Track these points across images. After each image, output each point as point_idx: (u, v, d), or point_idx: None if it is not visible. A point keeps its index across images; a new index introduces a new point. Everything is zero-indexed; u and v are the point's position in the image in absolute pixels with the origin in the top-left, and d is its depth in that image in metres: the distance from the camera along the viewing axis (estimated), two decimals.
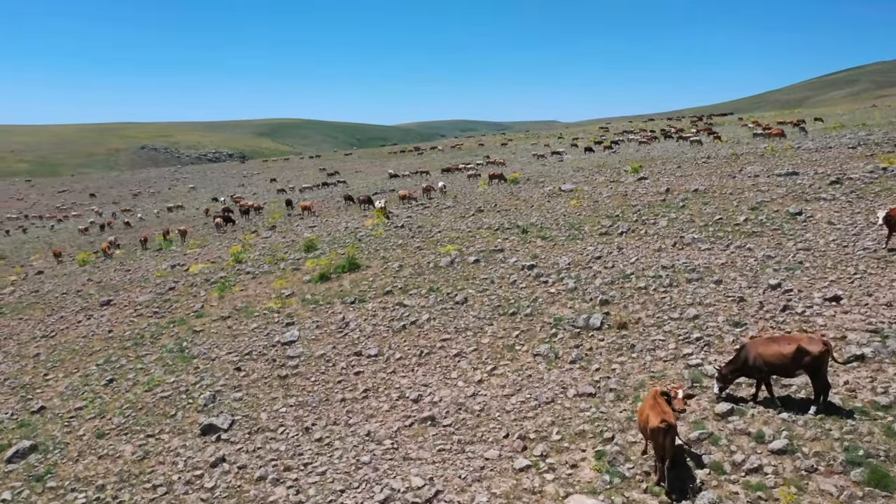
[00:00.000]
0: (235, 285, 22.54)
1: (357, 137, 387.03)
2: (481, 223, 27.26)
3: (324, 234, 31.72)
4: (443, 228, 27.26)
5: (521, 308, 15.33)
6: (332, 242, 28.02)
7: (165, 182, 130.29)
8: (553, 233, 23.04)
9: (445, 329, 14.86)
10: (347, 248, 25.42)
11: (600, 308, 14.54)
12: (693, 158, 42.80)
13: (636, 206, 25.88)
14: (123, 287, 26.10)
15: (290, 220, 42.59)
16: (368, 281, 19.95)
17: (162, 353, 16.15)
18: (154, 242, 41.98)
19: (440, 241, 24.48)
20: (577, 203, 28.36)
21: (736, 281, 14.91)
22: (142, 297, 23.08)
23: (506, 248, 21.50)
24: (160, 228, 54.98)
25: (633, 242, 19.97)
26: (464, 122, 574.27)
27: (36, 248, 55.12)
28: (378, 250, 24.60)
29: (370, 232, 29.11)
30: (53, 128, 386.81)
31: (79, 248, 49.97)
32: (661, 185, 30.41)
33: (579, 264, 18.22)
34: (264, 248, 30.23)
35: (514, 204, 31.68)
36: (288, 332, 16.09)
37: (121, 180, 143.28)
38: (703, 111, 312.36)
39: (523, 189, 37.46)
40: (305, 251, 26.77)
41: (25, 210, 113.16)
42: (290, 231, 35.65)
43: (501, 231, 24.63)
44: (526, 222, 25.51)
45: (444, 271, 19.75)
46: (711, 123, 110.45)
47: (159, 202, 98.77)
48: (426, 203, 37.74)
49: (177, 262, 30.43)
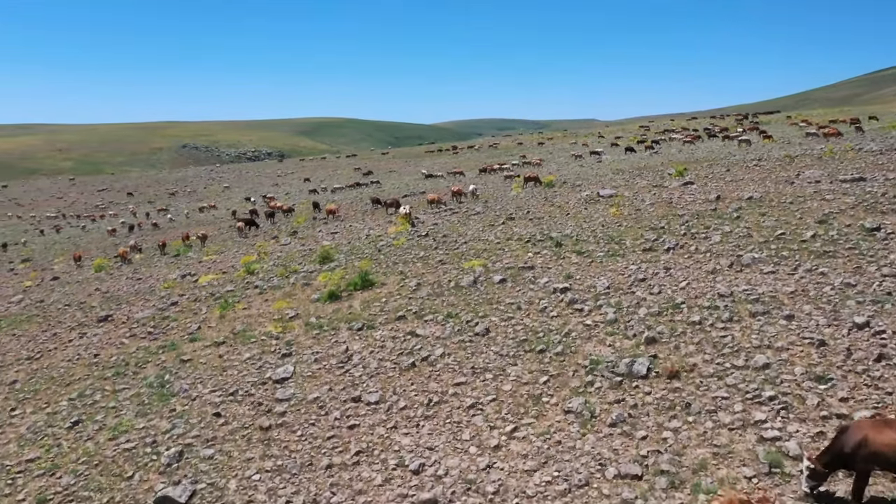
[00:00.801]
0: (240, 302, 20.61)
1: (395, 136, 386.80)
2: (511, 233, 24.90)
3: (343, 241, 29.71)
4: (469, 239, 24.97)
5: (550, 344, 12.98)
6: (349, 253, 25.97)
7: (201, 181, 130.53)
8: (590, 247, 20.58)
9: (461, 369, 12.60)
10: (363, 261, 23.32)
11: (646, 348, 12.11)
12: (743, 161, 39.73)
13: (683, 215, 23.24)
14: (127, 300, 24.44)
15: (314, 224, 40.78)
16: (381, 302, 17.78)
17: (141, 387, 14.21)
18: (181, 244, 40.56)
19: (465, 255, 22.20)
20: (616, 211, 25.79)
21: (811, 317, 12.31)
22: (141, 314, 21.30)
23: (536, 265, 19.12)
24: (189, 230, 53.88)
25: (682, 261, 17.41)
26: (501, 121, 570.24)
27: (63, 250, 54.42)
28: (397, 263, 22.44)
29: (392, 241, 26.99)
30: (99, 127, 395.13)
31: (104, 250, 49.01)
32: (711, 192, 27.65)
33: (620, 288, 15.76)
34: (280, 257, 28.34)
35: (548, 211, 29.22)
36: (282, 366, 14.01)
37: (159, 179, 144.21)
38: (746, 109, 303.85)
39: (559, 194, 34.95)
40: (320, 262, 24.77)
41: (64, 209, 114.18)
42: (310, 237, 33.76)
43: (533, 244, 22.24)
44: (560, 233, 23.07)
45: (465, 292, 17.47)
46: (758, 122, 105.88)
47: (193, 202, 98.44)
48: (455, 208, 35.49)
49: (188, 271, 28.74)
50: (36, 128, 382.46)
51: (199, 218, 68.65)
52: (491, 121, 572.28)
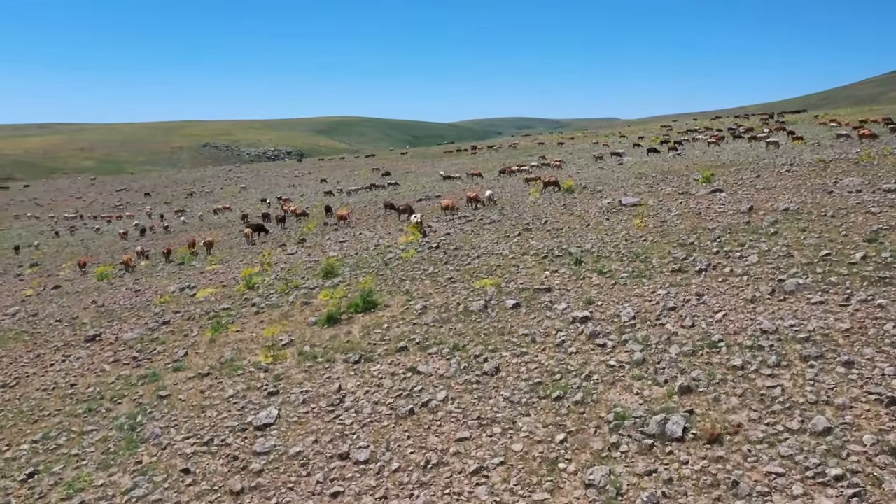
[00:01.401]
0: (234, 323, 19.14)
1: (414, 135, 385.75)
2: (527, 246, 23.21)
3: (351, 252, 28.20)
4: (482, 252, 23.32)
5: (569, 389, 11.31)
6: (355, 266, 24.44)
7: (219, 181, 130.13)
8: (613, 265, 18.83)
9: (466, 418, 10.97)
10: (367, 277, 21.76)
11: (680, 399, 10.39)
12: (773, 165, 37.69)
13: (714, 229, 21.41)
14: (120, 315, 23.11)
15: (324, 230, 39.35)
16: (382, 328, 16.20)
17: (111, 429, 12.75)
18: (186, 251, 39.32)
19: (477, 271, 20.56)
20: (641, 223, 24.00)
21: (875, 364, 10.52)
22: (130, 334, 19.92)
23: (554, 287, 17.42)
24: (199, 235, 52.78)
25: (715, 286, 15.63)
26: (521, 120, 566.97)
27: (73, 254, 53.61)
28: (403, 280, 20.85)
29: (400, 253, 25.42)
30: (120, 126, 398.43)
31: (112, 255, 48.03)
32: (742, 201, 25.79)
33: (647, 319, 14.02)
34: (283, 268, 26.89)
35: (567, 221, 27.48)
36: (266, 408, 12.47)
37: (177, 179, 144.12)
38: (770, 108, 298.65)
39: (579, 201, 33.18)
40: (323, 277, 23.26)
41: (82, 209, 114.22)
42: (318, 246, 32.31)
43: (550, 260, 20.53)
44: (580, 248, 21.34)
45: (474, 319, 15.83)
46: (784, 121, 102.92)
47: (209, 202, 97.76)
48: (470, 215, 33.84)
49: (188, 283, 27.39)
50: (59, 127, 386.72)
51: (213, 220, 67.68)
52: (510, 119, 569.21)
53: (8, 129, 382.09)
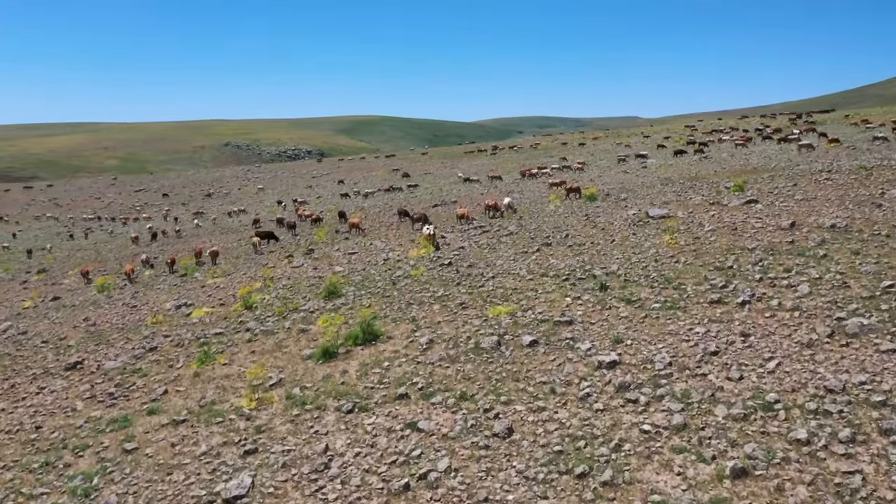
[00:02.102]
0: (223, 352, 17.45)
1: (434, 134, 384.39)
2: (547, 265, 21.27)
3: (358, 267, 26.43)
4: (497, 272, 21.42)
5: (595, 463, 9.41)
6: (360, 285, 22.66)
7: (237, 182, 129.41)
8: (642, 292, 16.85)
9: (470, 498, 9.12)
10: (371, 300, 19.96)
11: (732, 485, 8.43)
12: (809, 171, 35.32)
13: (754, 249, 19.32)
14: (108, 338, 21.53)
15: (334, 238, 37.65)
16: (382, 366, 14.40)
17: (63, 492, 11.08)
18: (191, 260, 37.83)
19: (491, 295, 18.68)
20: (671, 240, 21.95)
21: None
22: (112, 362, 18.31)
23: (576, 319, 15.49)
24: (210, 240, 51.44)
25: (762, 322, 13.61)
26: (541, 119, 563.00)
27: (83, 259, 52.48)
28: (410, 305, 19.01)
29: (410, 270, 23.60)
30: (144, 125, 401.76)
31: (120, 261, 46.75)
32: (781, 215, 23.65)
33: (686, 366, 12.05)
34: (286, 285, 25.19)
35: (589, 235, 25.49)
36: (240, 473, 10.69)
37: (195, 179, 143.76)
38: (796, 107, 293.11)
39: (602, 210, 31.12)
40: (325, 298, 21.50)
41: (100, 210, 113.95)
42: (325, 258, 30.58)
43: (572, 283, 18.58)
44: (605, 270, 19.36)
45: (486, 359, 13.96)
46: (813, 122, 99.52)
47: (226, 204, 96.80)
48: (486, 225, 31.91)
49: (186, 299, 25.81)
50: (83, 126, 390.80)
51: (226, 224, 66.41)
52: (531, 118, 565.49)
53: (33, 128, 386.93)
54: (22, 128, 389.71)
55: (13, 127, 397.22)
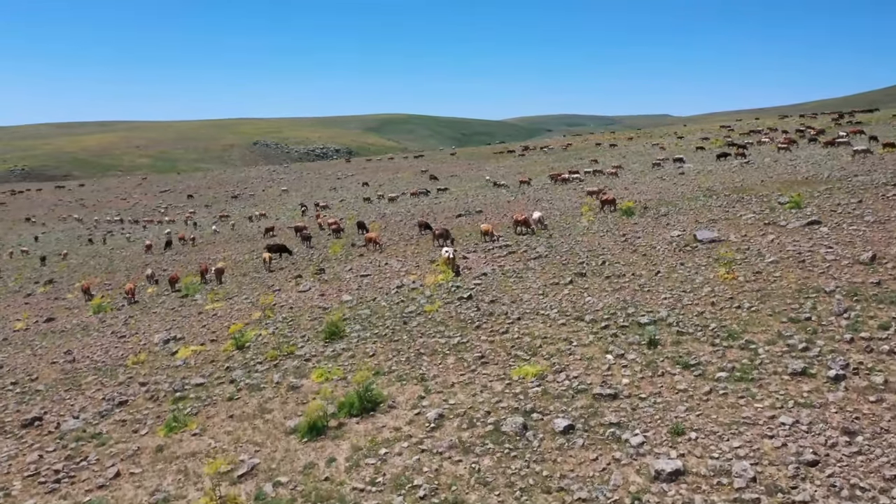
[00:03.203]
0: (198, 415, 14.76)
1: (462, 133, 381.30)
2: (582, 304, 18.23)
3: (368, 296, 23.62)
4: (524, 310, 18.43)
5: None
6: (367, 322, 19.84)
7: (261, 183, 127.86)
8: (701, 350, 13.75)
9: None
10: (376, 349, 17.10)
11: None
12: (870, 183, 31.61)
13: (833, 292, 16.07)
14: (80, 383, 19.02)
15: (350, 254, 34.94)
16: (378, 456, 11.53)
17: None
18: (195, 278, 35.42)
19: (516, 346, 15.72)
20: (728, 275, 18.74)
21: None
22: (72, 422, 15.73)
23: (621, 392, 12.47)
24: (224, 249, 49.22)
25: (868, 410, 10.46)
26: (570, 117, 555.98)
27: (95, 268, 50.60)
28: (421, 356, 16.12)
29: (424, 304, 20.71)
30: (174, 124, 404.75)
31: (131, 272, 44.67)
32: (854, 243, 20.31)
33: (776, 486, 8.94)
34: (286, 318, 22.46)
35: (629, 262, 22.36)
36: None
37: (221, 180, 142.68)
38: (835, 105, 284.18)
39: (641, 230, 27.92)
40: (326, 339, 18.71)
41: (125, 211, 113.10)
42: (335, 280, 27.86)
43: (613, 334, 15.52)
44: (652, 316, 16.26)
45: (508, 451, 11.02)
46: (859, 122, 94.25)
47: (248, 206, 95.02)
48: (513, 244, 28.87)
49: (176, 332, 23.25)
50: (116, 125, 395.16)
51: (245, 230, 64.18)
52: (560, 117, 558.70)
53: (67, 126, 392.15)
54: (56, 126, 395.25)
55: (47, 126, 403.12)
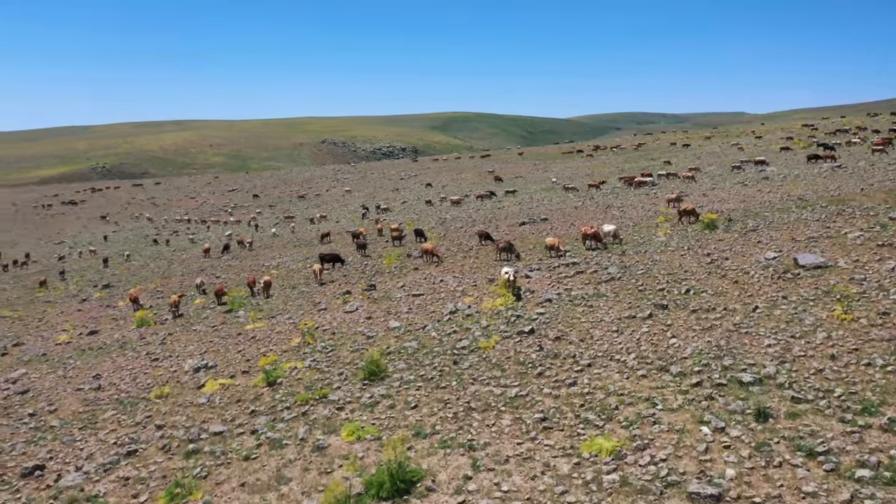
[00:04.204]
0: (206, 478, 12.57)
1: (528, 131, 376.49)
2: (665, 349, 15.25)
3: (417, 322, 21.16)
4: (595, 354, 15.58)
5: None
6: (412, 359, 17.35)
7: (325, 182, 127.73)
8: (827, 427, 10.67)
9: None
10: (419, 397, 14.55)
11: None
12: None
13: None
14: (96, 420, 17.22)
15: (404, 266, 32.65)
16: None
17: None
18: (242, 293, 33.77)
19: (586, 405, 12.91)
20: (845, 315, 15.40)
21: None
22: (74, 475, 13.81)
23: (726, 489, 9.52)
24: (280, 254, 47.83)
25: None
26: (639, 115, 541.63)
27: (154, 272, 50.06)
28: (470, 412, 13.49)
29: (479, 337, 18.10)
30: (246, 123, 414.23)
31: (186, 277, 43.70)
32: None
33: None
34: (325, 347, 20.18)
35: (719, 292, 19.15)
36: None
37: (287, 179, 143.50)
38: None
39: (729, 248, 24.52)
40: (365, 379, 16.34)
41: (192, 211, 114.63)
42: (384, 299, 25.54)
43: (708, 395, 12.50)
44: (755, 370, 13.17)
45: None
46: None
47: (311, 207, 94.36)
48: (581, 262, 25.91)
49: (210, 358, 21.34)
50: (192, 124, 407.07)
51: (304, 233, 62.91)
52: (629, 115, 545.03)
53: (145, 126, 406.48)
54: (136, 125, 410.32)
55: (128, 125, 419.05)
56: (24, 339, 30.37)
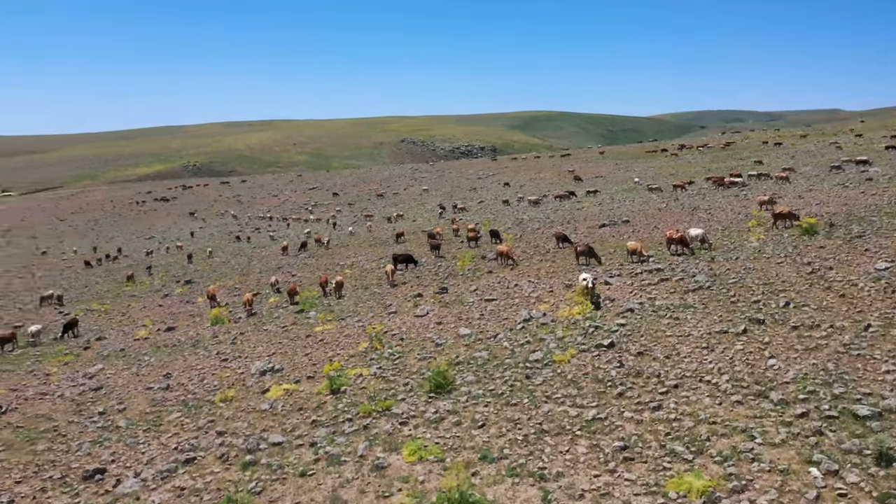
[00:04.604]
0: (258, 498, 11.93)
1: (609, 129, 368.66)
2: (763, 371, 13.64)
3: (489, 330, 20.12)
4: (682, 373, 14.11)
5: None
6: (482, 371, 16.32)
7: (403, 181, 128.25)
8: None
9: None
10: (487, 414, 13.51)
11: None
12: None
13: None
14: (162, 422, 17.02)
15: (477, 269, 31.64)
16: None
17: None
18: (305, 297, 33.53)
19: (672, 432, 11.56)
20: None
21: None
22: (130, 482, 13.48)
23: None
24: (355, 253, 47.73)
25: None
26: (727, 112, 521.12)
27: (233, 269, 50.95)
28: (542, 435, 12.34)
29: (554, 349, 16.89)
30: (329, 122, 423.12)
31: (263, 275, 44.11)
32: None
33: None
34: (392, 354, 19.44)
35: (823, 306, 17.23)
36: None
37: (366, 178, 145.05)
38: None
39: (832, 256, 22.32)
40: (431, 391, 15.44)
41: (274, 209, 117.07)
42: (456, 303, 24.62)
43: (816, 427, 10.92)
44: (872, 402, 11.46)
45: None
46: None
47: (389, 206, 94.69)
48: (666, 268, 24.23)
49: (277, 361, 20.95)
50: (277, 124, 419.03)
51: (381, 232, 62.84)
52: (715, 112, 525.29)
53: (233, 125, 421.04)
54: (224, 125, 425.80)
55: (218, 124, 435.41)
56: (107, 334, 31.11)
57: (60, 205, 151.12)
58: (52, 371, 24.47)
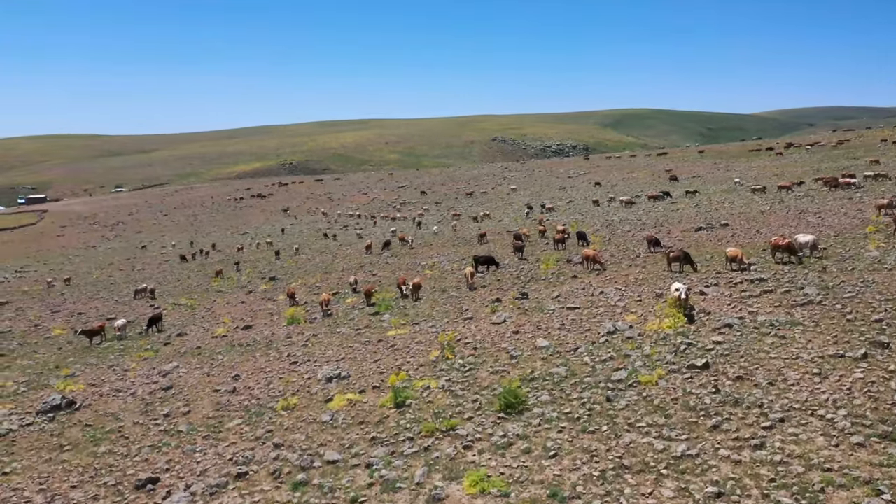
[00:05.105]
0: None
1: (708, 127, 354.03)
2: (890, 406, 11.54)
3: (569, 342, 18.55)
4: (790, 404, 12.17)
5: None
6: (557, 390, 14.82)
7: (492, 180, 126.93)
8: None
9: None
10: (562, 441, 12.04)
11: None
12: None
13: None
14: (222, 429, 16.45)
15: (562, 273, 29.97)
16: None
17: None
18: (390, 295, 32.82)
19: (778, 478, 9.76)
20: None
21: None
22: (181, 495, 12.88)
23: None
24: (437, 254, 46.88)
25: None
26: (836, 109, 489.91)
27: (318, 267, 51.20)
28: (622, 472, 10.75)
29: (640, 369, 15.19)
30: (420, 121, 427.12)
31: (345, 273, 43.93)
32: None
33: None
34: (463, 365, 18.19)
35: None
36: None
37: (454, 177, 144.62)
38: None
39: None
40: (500, 411, 14.12)
41: (363, 206, 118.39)
42: (536, 311, 23.12)
43: None
44: None
45: None
46: None
47: (475, 205, 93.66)
48: (770, 279, 21.85)
49: (342, 368, 20.12)
50: (369, 122, 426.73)
51: (465, 232, 61.77)
52: (825, 109, 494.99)
53: (327, 125, 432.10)
54: (319, 125, 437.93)
55: (313, 124, 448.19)
56: (188, 329, 31.48)
57: (166, 200, 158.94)
58: (131, 367, 24.73)
